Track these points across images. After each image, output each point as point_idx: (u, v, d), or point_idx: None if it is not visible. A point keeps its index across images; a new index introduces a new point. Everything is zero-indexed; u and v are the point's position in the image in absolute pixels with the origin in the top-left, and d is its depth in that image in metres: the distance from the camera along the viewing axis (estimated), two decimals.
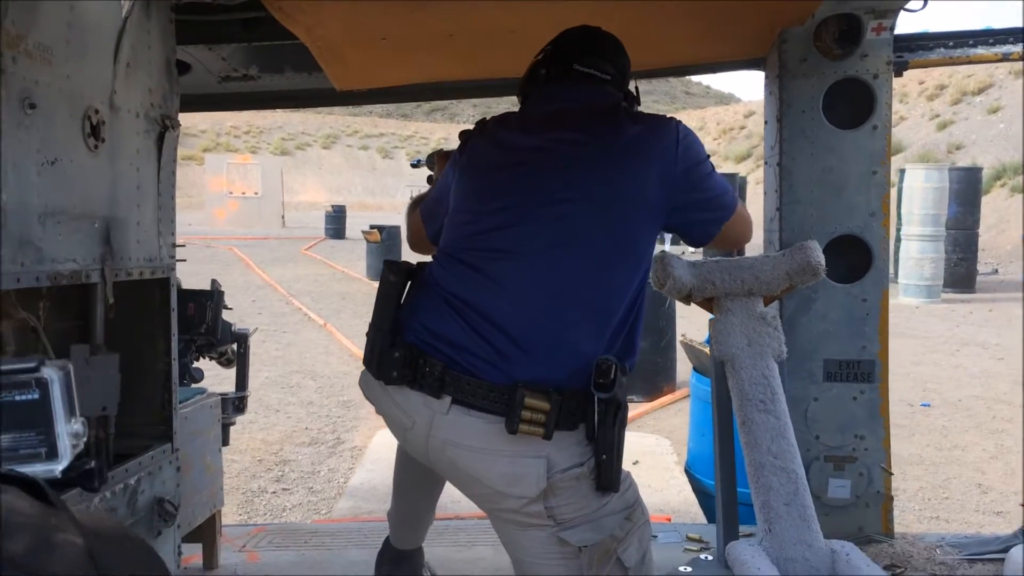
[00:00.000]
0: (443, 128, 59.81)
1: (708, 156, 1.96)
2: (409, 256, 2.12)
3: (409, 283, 1.96)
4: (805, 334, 3.01)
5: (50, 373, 0.77)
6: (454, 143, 2.18)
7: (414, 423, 1.83)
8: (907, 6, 2.80)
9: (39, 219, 1.82)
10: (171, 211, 2.43)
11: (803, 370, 3.03)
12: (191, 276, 3.68)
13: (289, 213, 34.93)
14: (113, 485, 2.14)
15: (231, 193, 32.13)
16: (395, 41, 2.83)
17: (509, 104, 2.33)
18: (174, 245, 2.44)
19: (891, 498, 3.08)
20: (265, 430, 7.31)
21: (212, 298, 3.52)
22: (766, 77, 3.07)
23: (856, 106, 2.90)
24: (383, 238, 16.82)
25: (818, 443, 3.05)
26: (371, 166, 53.69)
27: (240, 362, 3.90)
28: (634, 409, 7.62)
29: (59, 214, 1.89)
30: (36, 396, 0.79)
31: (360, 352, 1.93)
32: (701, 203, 1.93)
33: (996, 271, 17.61)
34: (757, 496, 2.46)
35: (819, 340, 3.02)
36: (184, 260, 2.59)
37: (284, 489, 6.09)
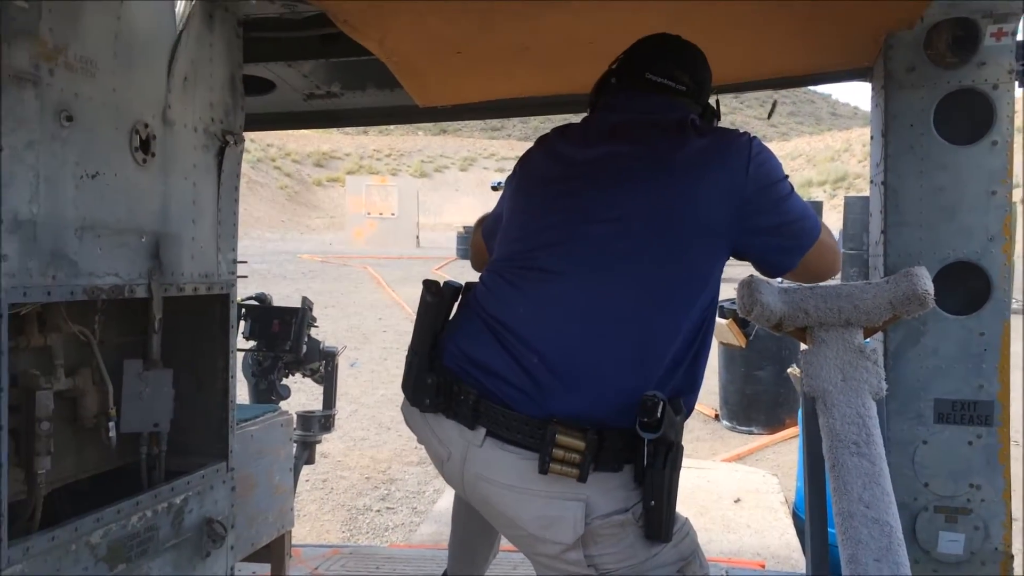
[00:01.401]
0: None
1: (786, 176, 1.77)
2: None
3: (456, 303, 1.86)
4: (913, 370, 2.72)
5: None
6: None
7: (450, 454, 1.73)
8: None
9: (76, 232, 1.81)
10: (232, 227, 2.40)
11: (911, 410, 2.74)
12: (323, 294, 3.73)
13: (425, 234, 35.69)
14: (157, 503, 2.11)
15: (369, 214, 33.09)
16: (469, 55, 2.74)
17: None
18: (235, 261, 2.41)
19: (1011, 556, 2.73)
20: (376, 448, 7.37)
21: (297, 315, 3.52)
22: (872, 89, 2.81)
23: (973, 119, 2.61)
24: None
25: (927, 491, 2.75)
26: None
27: (327, 380, 3.89)
28: (753, 442, 7.27)
29: (99, 227, 1.88)
30: None
31: None
32: (777, 228, 1.75)
33: None
34: (844, 548, 2.21)
35: (929, 377, 2.72)
36: (245, 276, 2.56)
37: (388, 508, 6.10)
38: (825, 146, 45.72)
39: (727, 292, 2.09)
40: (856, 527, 2.22)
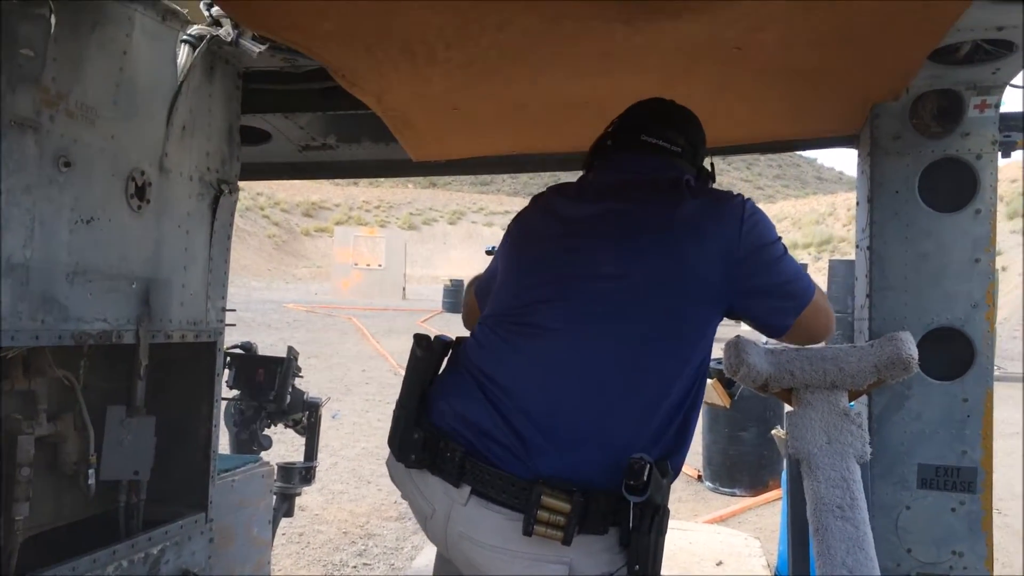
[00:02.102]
0: None
1: (779, 238, 1.79)
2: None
3: (445, 359, 1.85)
4: (897, 434, 2.73)
5: None
6: None
7: (434, 511, 1.71)
8: (1013, 82, 2.57)
9: (67, 277, 1.81)
10: (223, 275, 2.41)
11: (894, 474, 2.74)
12: (308, 344, 3.72)
13: (411, 286, 35.69)
14: (134, 553, 2.08)
15: (356, 264, 33.10)
16: (466, 112, 2.78)
17: None
18: (224, 309, 2.41)
19: None
20: (354, 502, 7.27)
21: (282, 365, 3.51)
22: (858, 155, 2.87)
23: (957, 188, 2.66)
24: None
25: (910, 557, 2.74)
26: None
27: (310, 432, 3.86)
28: (736, 504, 7.21)
29: (91, 273, 1.88)
30: None
31: None
32: (771, 289, 1.77)
33: None
34: None
35: (913, 442, 2.73)
36: (233, 325, 2.56)
37: (365, 564, 6.00)
38: (810, 209, 46.25)
39: (713, 352, 2.10)
40: None
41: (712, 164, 2.02)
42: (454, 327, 23.52)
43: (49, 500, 2.10)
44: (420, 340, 1.83)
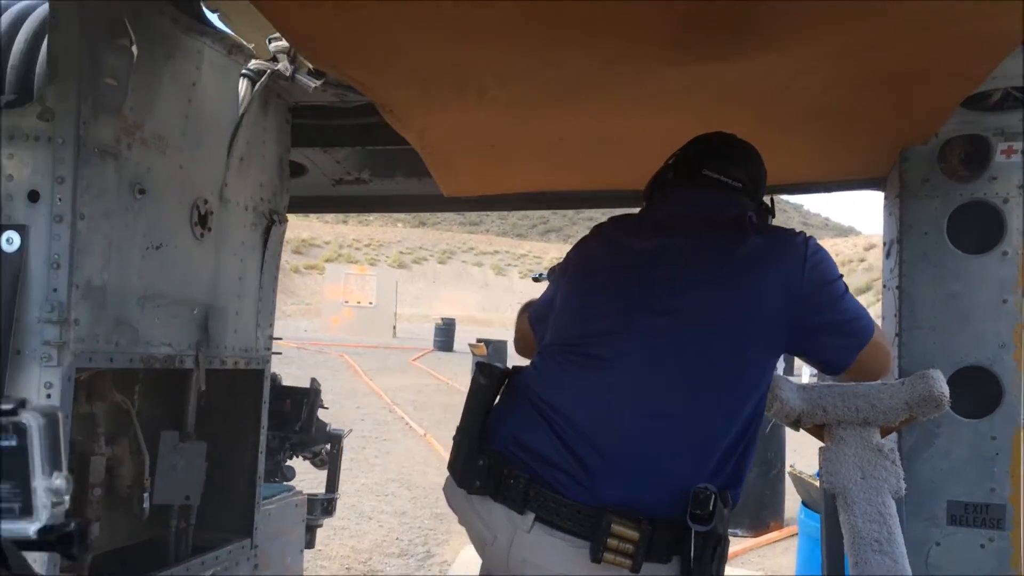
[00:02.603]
0: (556, 248, 60.56)
1: (840, 276, 1.81)
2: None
3: (504, 387, 1.87)
4: (927, 471, 2.77)
5: (30, 418, 0.71)
6: None
7: (495, 538, 1.72)
8: None
9: (138, 301, 1.85)
10: (271, 303, 2.45)
11: (924, 511, 2.78)
12: (301, 381, 3.72)
13: (401, 324, 35.61)
14: None
15: (347, 302, 33.06)
16: (502, 148, 2.84)
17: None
18: (271, 337, 2.44)
19: None
20: (356, 537, 7.22)
21: (309, 396, 3.53)
22: (885, 198, 2.94)
23: (983, 230, 2.73)
24: (489, 351, 16.91)
25: None
26: (484, 282, 54.65)
27: (332, 463, 3.87)
28: (737, 544, 7.20)
29: (159, 298, 1.92)
30: (13, 443, 0.72)
31: None
32: (833, 327, 1.78)
33: None
34: None
35: (943, 479, 2.77)
36: (279, 353, 2.59)
37: None
38: None
39: None
40: None
41: (772, 200, 2.04)
42: (445, 365, 23.30)
43: (104, 523, 2.12)
44: (483, 368, 1.86)
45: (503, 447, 1.75)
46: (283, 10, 1.80)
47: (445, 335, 27.72)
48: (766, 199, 2.01)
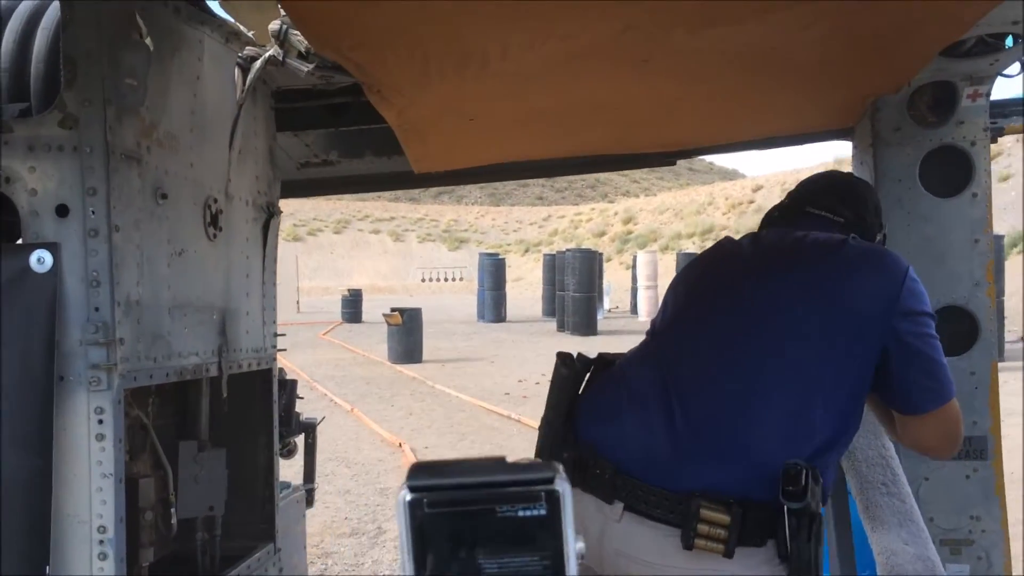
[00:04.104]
0: (452, 210, 60.33)
1: (934, 315, 1.82)
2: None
3: (588, 376, 1.87)
4: None
5: (563, 486, 0.66)
6: (462, 224, 2.13)
7: (586, 530, 1.69)
8: (1004, 72, 2.76)
9: (169, 312, 1.75)
10: (273, 299, 2.36)
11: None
12: None
13: (303, 299, 34.99)
14: None
15: None
16: (483, 121, 2.79)
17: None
18: (276, 334, 2.36)
19: None
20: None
21: (286, 387, 3.43)
22: (854, 147, 3.02)
23: (953, 174, 2.84)
24: (404, 320, 16.76)
25: (933, 525, 2.90)
26: (383, 249, 54.06)
27: (308, 453, 3.77)
28: None
29: (185, 306, 1.83)
30: (543, 512, 0.67)
31: (391, 437, 1.84)
32: (919, 361, 1.77)
33: (1022, 339, 17.40)
34: None
35: None
36: (284, 349, 2.51)
37: None
38: (690, 200, 47.66)
39: None
40: (902, 565, 2.33)
41: (884, 237, 2.10)
42: (357, 338, 23.03)
43: (132, 542, 2.02)
44: (565, 359, 1.85)
45: (589, 437, 1.75)
46: None
47: (353, 306, 27.37)
48: (879, 238, 2.05)
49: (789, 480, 1.56)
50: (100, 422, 1.53)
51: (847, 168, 2.89)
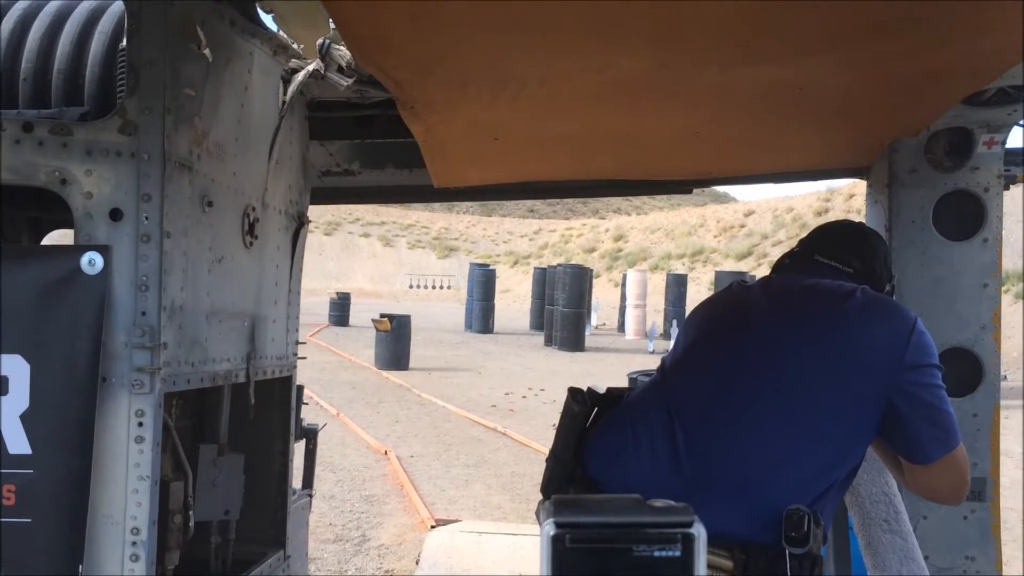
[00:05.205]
0: (443, 217, 60.18)
1: (941, 368, 1.85)
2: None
3: (595, 412, 1.90)
4: None
5: (699, 530, 0.69)
6: (453, 233, 2.17)
7: None
8: (1021, 122, 2.82)
9: (207, 318, 1.77)
10: (297, 307, 2.38)
11: None
12: None
13: None
14: None
15: None
16: (507, 142, 2.82)
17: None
18: (297, 342, 2.38)
19: None
20: None
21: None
22: (869, 187, 3.07)
23: (966, 218, 2.89)
24: (393, 327, 16.75)
25: (929, 564, 2.94)
26: (372, 253, 53.91)
27: (308, 459, 3.79)
28: None
29: (221, 312, 1.85)
30: (678, 553, 0.70)
31: (378, 445, 1.86)
32: (926, 411, 1.80)
33: (1006, 378, 17.53)
34: None
35: None
36: (304, 358, 2.53)
37: None
38: (681, 221, 47.71)
39: None
40: None
41: (893, 287, 2.12)
42: (343, 341, 22.86)
43: (160, 544, 2.03)
44: (576, 395, 1.87)
45: (596, 472, 1.78)
46: (351, 12, 1.74)
47: (340, 310, 27.33)
48: (887, 288, 2.06)
49: (792, 526, 1.59)
50: (140, 424, 1.55)
51: (839, 198, 2.95)
